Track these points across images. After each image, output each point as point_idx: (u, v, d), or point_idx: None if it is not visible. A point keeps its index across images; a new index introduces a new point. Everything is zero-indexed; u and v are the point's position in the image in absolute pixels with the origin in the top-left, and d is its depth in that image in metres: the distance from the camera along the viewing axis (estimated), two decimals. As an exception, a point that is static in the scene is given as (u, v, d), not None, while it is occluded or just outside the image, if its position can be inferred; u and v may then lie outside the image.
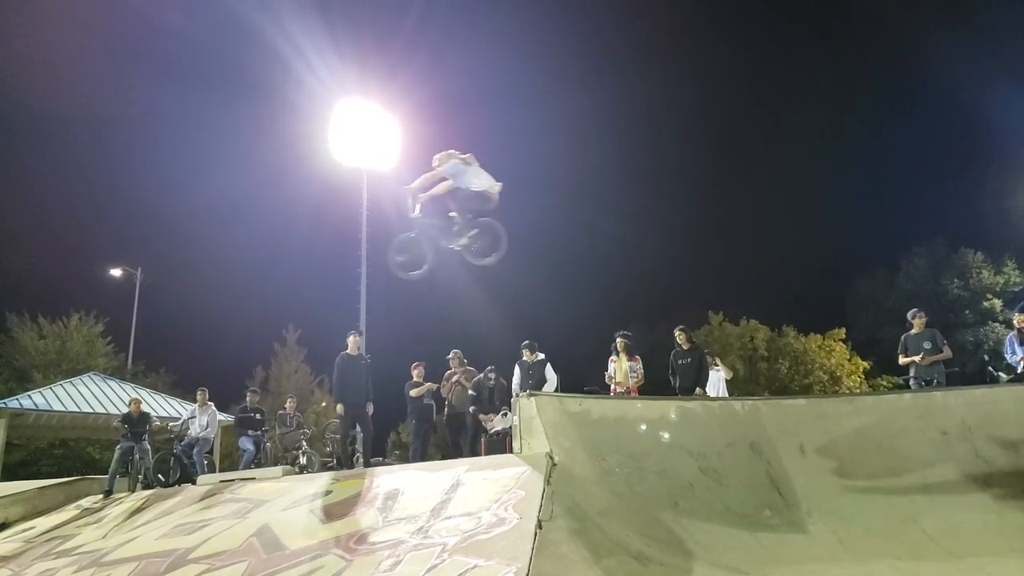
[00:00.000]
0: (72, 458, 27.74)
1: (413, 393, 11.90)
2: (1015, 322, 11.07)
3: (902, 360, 10.85)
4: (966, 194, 54.55)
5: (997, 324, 37.44)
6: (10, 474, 20.65)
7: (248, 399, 14.51)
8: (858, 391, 33.37)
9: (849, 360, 38.59)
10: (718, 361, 12.96)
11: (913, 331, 10.80)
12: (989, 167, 44.58)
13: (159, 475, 12.98)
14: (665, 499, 6.92)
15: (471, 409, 11.21)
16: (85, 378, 22.37)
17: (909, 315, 11.00)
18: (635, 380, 10.95)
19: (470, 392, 11.38)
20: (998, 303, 38.30)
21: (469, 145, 8.40)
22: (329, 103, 25.50)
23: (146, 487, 12.70)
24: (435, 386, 12.05)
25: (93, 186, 57.48)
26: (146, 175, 57.88)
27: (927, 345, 10.55)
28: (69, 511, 12.08)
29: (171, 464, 13.12)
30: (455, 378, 11.90)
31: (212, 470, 13.90)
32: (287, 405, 14.79)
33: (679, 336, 11.07)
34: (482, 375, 11.45)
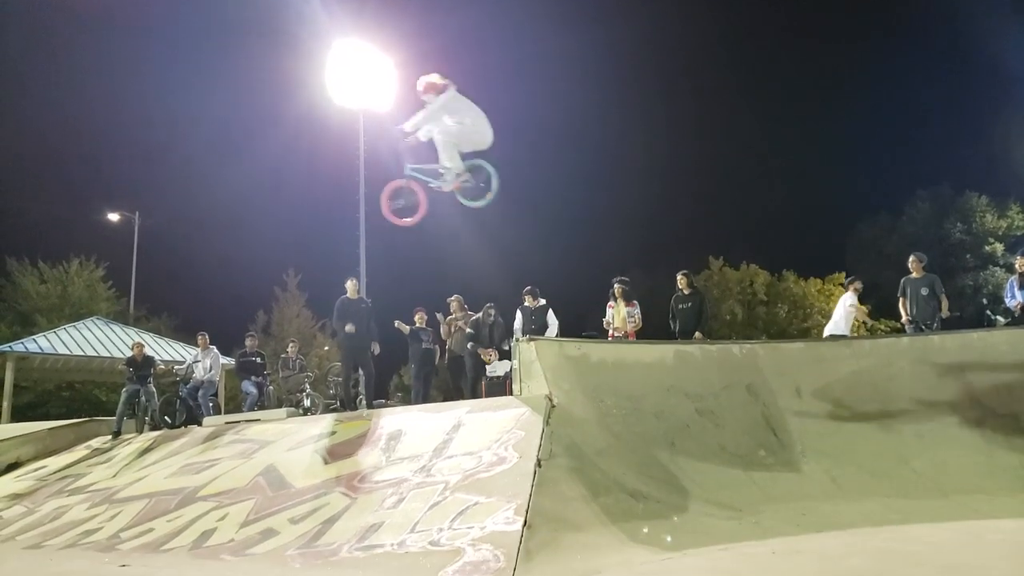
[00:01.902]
0: (80, 400, 28.13)
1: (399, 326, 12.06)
2: (1017, 266, 11.09)
3: (901, 304, 10.91)
4: (973, 138, 54.04)
5: (998, 268, 37.43)
6: (20, 415, 21.02)
7: (248, 344, 14.64)
8: (855, 335, 33.60)
9: (848, 304, 38.73)
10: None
11: (912, 275, 10.83)
12: (998, 110, 43.96)
13: (165, 417, 13.22)
14: (662, 439, 7.06)
15: (469, 345, 11.23)
16: (88, 322, 22.53)
17: (909, 260, 11.02)
18: (633, 325, 11.03)
19: (467, 331, 11.44)
20: (1000, 247, 38.21)
21: (467, 90, 8.23)
22: (326, 42, 24.98)
23: (153, 429, 12.93)
24: (407, 328, 12.11)
25: (87, 128, 56.76)
26: (141, 116, 57.13)
27: (924, 291, 10.59)
28: (79, 451, 12.34)
29: (177, 406, 13.35)
30: (458, 323, 11.99)
31: (217, 412, 14.13)
32: (289, 349, 14.94)
33: (680, 280, 11.09)
34: (481, 313, 11.49)
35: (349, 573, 4.84)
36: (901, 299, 10.92)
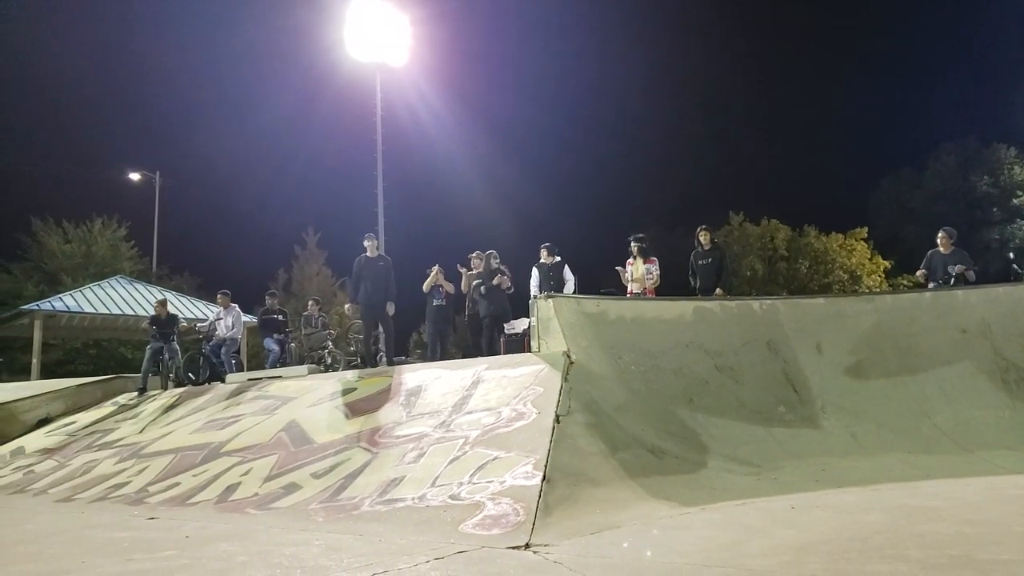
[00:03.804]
0: (106, 357, 28.66)
1: (425, 288, 12.00)
2: None
3: (923, 277, 10.33)
4: (1001, 88, 52.46)
5: (1024, 221, 36.65)
6: (49, 372, 21.49)
7: (268, 302, 14.79)
8: (878, 290, 33.24)
9: (870, 259, 38.21)
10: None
11: (940, 250, 10.18)
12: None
13: (189, 374, 13.45)
14: (681, 395, 7.06)
15: (483, 288, 11.32)
16: (112, 281, 22.83)
17: (939, 235, 10.30)
18: (652, 282, 10.94)
19: (475, 282, 11.49)
20: (1029, 200, 37.40)
21: (482, 48, 8.00)
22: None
23: (177, 385, 13.16)
24: (441, 272, 12.05)
25: (108, 88, 56.65)
26: (161, 76, 56.90)
27: (953, 269, 9.84)
28: (106, 407, 12.61)
29: (200, 363, 13.56)
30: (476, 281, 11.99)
31: (240, 369, 14.33)
32: (310, 307, 15.04)
33: (702, 236, 10.94)
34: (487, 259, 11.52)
35: (371, 527, 4.91)
36: (923, 272, 10.27)
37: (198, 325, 15.79)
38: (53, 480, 8.89)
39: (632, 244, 11.10)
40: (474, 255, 12.19)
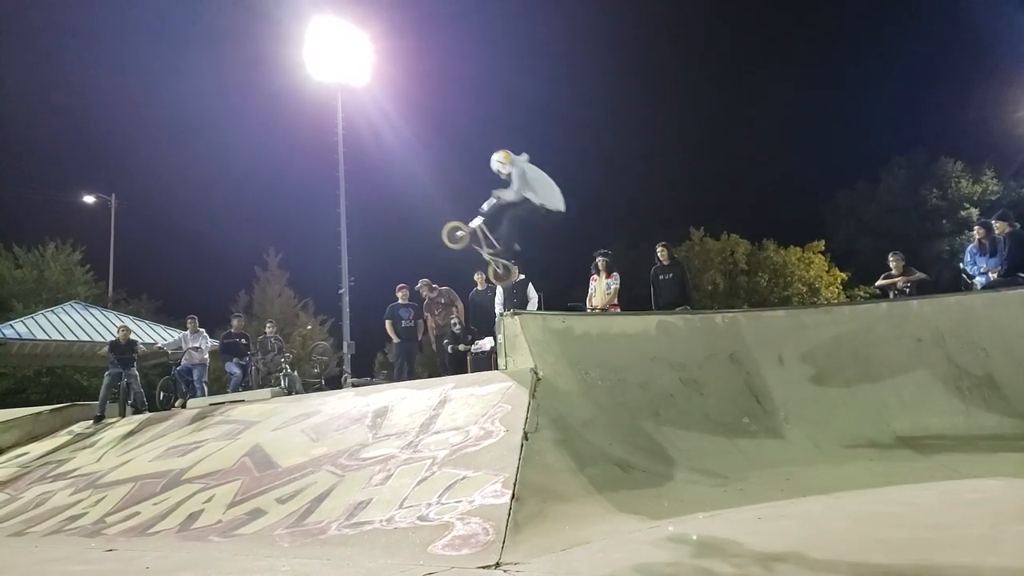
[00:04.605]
0: (60, 385, 27.79)
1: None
2: (975, 234, 11.34)
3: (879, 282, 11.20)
4: (948, 103, 54.33)
5: (974, 233, 37.79)
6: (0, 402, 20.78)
7: (234, 324, 14.56)
8: (836, 302, 33.95)
9: (828, 272, 39.09)
10: None
11: (893, 272, 11.05)
12: (972, 75, 44.16)
13: (165, 393, 13.59)
14: (647, 409, 7.11)
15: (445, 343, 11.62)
16: (67, 306, 22.21)
17: (889, 258, 11.27)
18: (609, 296, 11.06)
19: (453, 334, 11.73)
20: (975, 212, 38.58)
21: (444, 63, 8.07)
22: (303, 18, 24.62)
23: (136, 412, 12.88)
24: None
25: (60, 108, 55.40)
26: (117, 96, 55.89)
27: (907, 290, 10.77)
28: (62, 436, 12.24)
29: (175, 386, 13.60)
30: (438, 300, 12.14)
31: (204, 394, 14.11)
32: (267, 329, 14.82)
33: (660, 252, 11.10)
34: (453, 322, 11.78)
35: (339, 551, 4.84)
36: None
37: (168, 349, 15.57)
38: (5, 514, 8.59)
39: (598, 259, 11.23)
40: (420, 285, 12.32)
